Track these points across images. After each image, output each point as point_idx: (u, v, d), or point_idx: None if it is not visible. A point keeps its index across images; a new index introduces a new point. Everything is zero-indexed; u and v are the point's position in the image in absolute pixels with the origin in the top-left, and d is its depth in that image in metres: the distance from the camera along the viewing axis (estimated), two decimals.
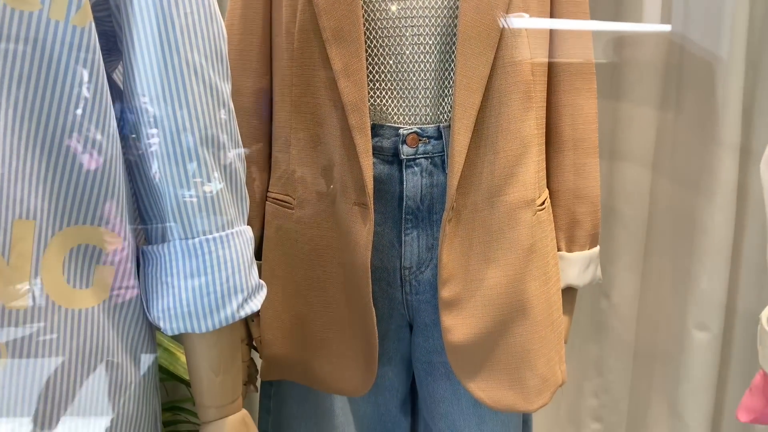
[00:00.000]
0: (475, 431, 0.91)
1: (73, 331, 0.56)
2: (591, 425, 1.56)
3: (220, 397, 0.67)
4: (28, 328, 0.54)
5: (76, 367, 0.56)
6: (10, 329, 0.53)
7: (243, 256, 0.63)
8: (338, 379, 0.88)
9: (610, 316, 1.53)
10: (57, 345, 0.55)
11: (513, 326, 0.85)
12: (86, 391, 0.58)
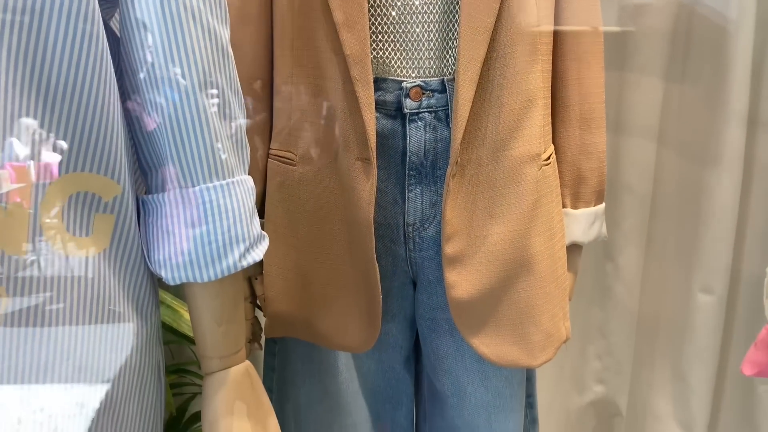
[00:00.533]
0: (478, 387, 0.91)
1: (73, 278, 0.56)
2: (594, 387, 1.56)
3: (223, 347, 0.67)
4: (28, 274, 0.54)
5: (78, 316, 0.56)
6: (10, 275, 0.53)
7: (244, 205, 0.62)
8: (342, 335, 0.88)
9: (614, 279, 1.52)
10: (58, 292, 0.55)
11: (517, 282, 0.85)
12: (88, 340, 0.57)
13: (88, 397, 0.58)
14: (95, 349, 0.58)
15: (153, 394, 0.66)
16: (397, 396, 0.97)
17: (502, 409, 0.91)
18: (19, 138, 0.52)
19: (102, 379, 0.58)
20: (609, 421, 1.58)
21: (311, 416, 0.95)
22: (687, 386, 1.51)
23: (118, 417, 0.61)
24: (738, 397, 1.58)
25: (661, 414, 1.53)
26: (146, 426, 0.65)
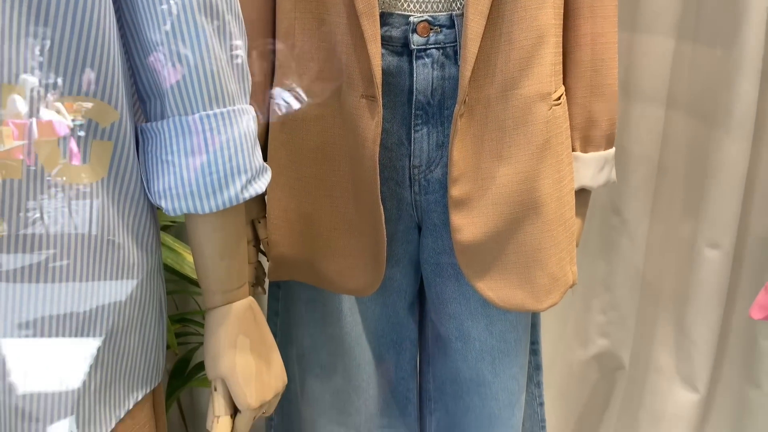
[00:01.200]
0: (483, 332, 0.90)
1: (71, 206, 0.54)
2: (597, 341, 1.56)
3: (226, 282, 0.66)
4: (24, 199, 0.52)
5: (76, 245, 0.55)
6: (5, 200, 0.51)
7: (246, 134, 0.61)
8: (346, 278, 0.87)
9: (620, 233, 1.51)
10: (55, 221, 0.54)
11: (524, 225, 0.83)
12: (87, 270, 0.56)
13: (87, 326, 0.57)
14: (95, 281, 0.57)
15: (154, 328, 0.65)
16: (400, 341, 0.96)
17: (506, 353, 0.91)
18: (11, 55, 0.50)
19: (102, 310, 0.58)
20: (611, 375, 1.59)
21: (315, 360, 0.95)
22: (690, 341, 1.51)
23: (119, 349, 0.60)
24: (741, 352, 1.58)
25: (663, 368, 1.54)
26: (148, 359, 0.65)
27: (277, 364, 0.69)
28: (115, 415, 0.60)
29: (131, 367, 0.62)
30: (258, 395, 0.66)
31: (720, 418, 1.62)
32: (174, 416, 1.63)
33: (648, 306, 1.54)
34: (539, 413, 1.01)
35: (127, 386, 0.62)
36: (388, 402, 0.97)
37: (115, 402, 0.60)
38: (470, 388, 0.93)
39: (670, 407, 1.53)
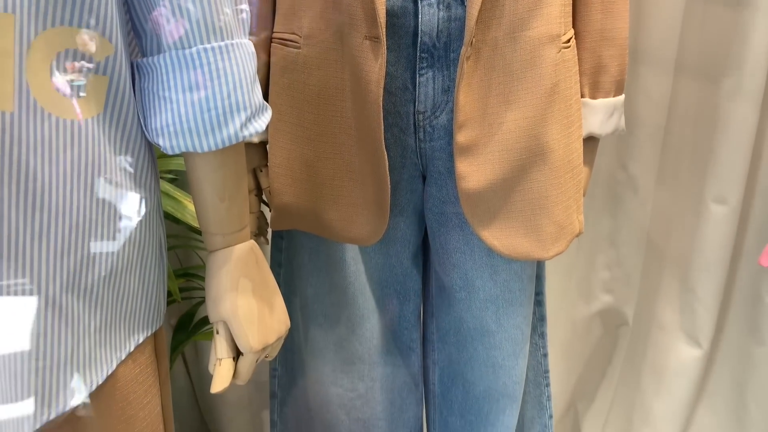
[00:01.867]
0: (487, 281, 0.89)
1: (66, 141, 0.53)
2: (601, 297, 1.56)
3: (227, 224, 0.65)
4: (17, 132, 0.51)
5: (72, 182, 0.54)
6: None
7: (244, 70, 0.59)
8: (349, 227, 0.86)
9: (626, 187, 1.49)
10: (50, 155, 0.52)
11: (531, 172, 0.82)
12: (84, 209, 0.55)
13: (86, 266, 0.56)
14: (91, 219, 0.55)
15: (154, 270, 0.64)
16: (404, 291, 0.96)
17: (510, 303, 0.90)
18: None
19: (100, 251, 0.56)
20: (615, 331, 1.59)
21: (318, 310, 0.94)
22: (694, 297, 1.51)
23: (119, 289, 0.59)
24: (745, 309, 1.58)
25: (667, 324, 1.54)
26: (148, 301, 0.64)
27: (280, 307, 0.69)
28: (116, 356, 0.60)
29: (131, 308, 0.61)
30: (260, 337, 0.65)
31: (722, 374, 1.62)
32: (179, 370, 1.64)
33: (653, 262, 1.54)
34: (543, 364, 1.01)
35: (127, 328, 0.61)
36: (391, 352, 0.97)
37: (116, 343, 0.60)
38: (474, 337, 0.92)
39: (673, 363, 1.53)
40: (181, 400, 1.66)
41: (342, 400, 0.95)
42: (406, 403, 0.99)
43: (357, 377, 0.95)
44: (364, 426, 0.96)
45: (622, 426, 1.61)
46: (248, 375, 0.67)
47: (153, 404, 0.63)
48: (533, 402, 1.01)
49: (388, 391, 0.97)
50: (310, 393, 0.99)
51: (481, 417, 0.95)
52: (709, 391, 1.64)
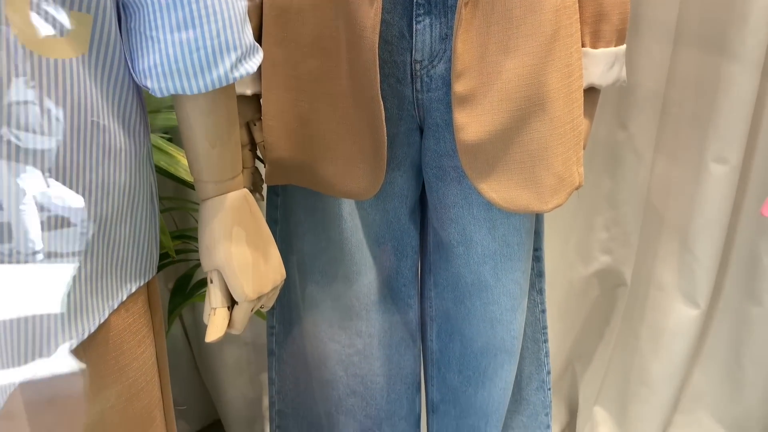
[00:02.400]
0: (485, 236, 0.88)
1: (50, 82, 0.51)
2: (600, 258, 1.55)
3: (219, 171, 0.63)
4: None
5: (56, 124, 0.52)
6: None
7: (234, 9, 0.56)
8: (345, 181, 0.84)
9: (625, 147, 1.48)
10: (33, 96, 0.50)
11: (530, 122, 0.80)
12: (70, 152, 0.53)
13: (75, 213, 0.54)
14: (78, 163, 0.54)
15: (146, 218, 0.63)
16: (402, 247, 0.95)
17: (508, 257, 0.89)
18: None
19: (90, 196, 0.55)
20: (612, 292, 1.59)
21: (316, 267, 0.93)
22: (693, 257, 1.50)
23: (110, 238, 0.58)
24: (743, 269, 1.57)
25: (665, 284, 1.53)
26: (140, 251, 0.63)
27: (275, 257, 0.67)
28: (108, 305, 0.59)
29: (123, 257, 0.60)
30: (255, 286, 0.64)
31: (719, 334, 1.63)
32: (177, 333, 1.64)
33: (652, 222, 1.53)
34: (541, 320, 1.01)
35: (119, 277, 0.60)
36: (389, 308, 0.96)
37: (108, 292, 0.59)
38: (472, 293, 0.92)
39: (671, 323, 1.53)
40: (180, 363, 1.67)
41: (340, 356, 0.95)
42: (403, 359, 0.99)
43: (354, 333, 0.94)
44: (362, 382, 0.96)
45: (619, 386, 1.62)
46: (243, 324, 0.66)
47: (147, 355, 0.63)
48: (531, 358, 1.01)
49: (385, 347, 0.97)
50: (307, 350, 0.99)
51: (478, 372, 0.95)
52: (705, 352, 1.65)
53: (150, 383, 0.63)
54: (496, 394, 0.95)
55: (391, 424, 0.99)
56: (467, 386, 0.97)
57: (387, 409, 0.99)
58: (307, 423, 1.03)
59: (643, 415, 1.59)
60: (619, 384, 1.62)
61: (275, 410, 1.05)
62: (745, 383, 1.63)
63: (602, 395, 1.66)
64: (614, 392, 1.64)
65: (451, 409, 1.00)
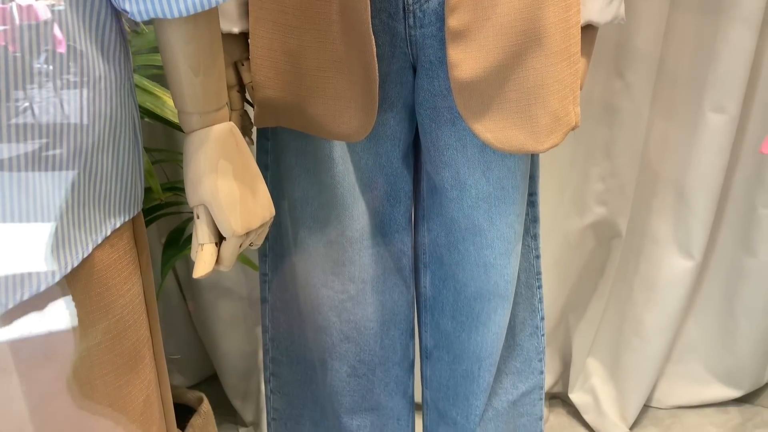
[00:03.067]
0: (479, 179, 0.87)
1: (20, 6, 0.48)
2: (595, 209, 1.54)
3: (203, 101, 0.61)
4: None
5: (30, 46, 0.50)
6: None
7: None
8: (336, 121, 0.82)
9: (622, 97, 1.45)
10: (2, 15, 0.48)
11: (526, 58, 0.78)
12: (45, 76, 0.51)
13: (54, 141, 0.52)
14: (56, 87, 0.51)
15: (128, 150, 0.61)
16: (395, 193, 0.93)
17: (503, 201, 0.88)
18: None
19: (69, 123, 0.53)
20: (607, 243, 1.58)
21: (307, 212, 0.92)
22: (688, 209, 1.49)
23: (92, 169, 0.56)
24: (738, 220, 1.57)
25: (660, 236, 1.53)
26: (123, 185, 0.61)
27: (263, 192, 0.66)
28: (92, 239, 0.57)
29: (106, 190, 0.59)
30: (243, 221, 0.63)
31: (713, 286, 1.63)
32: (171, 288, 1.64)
33: (648, 173, 1.51)
34: (535, 266, 1.00)
35: (103, 211, 0.59)
36: (382, 254, 0.95)
37: (92, 226, 0.57)
38: (465, 237, 0.91)
39: (665, 274, 1.53)
40: (175, 317, 1.67)
41: (333, 302, 0.94)
42: (397, 305, 0.98)
43: (347, 279, 0.93)
44: (356, 327, 0.96)
45: (612, 337, 1.63)
46: (231, 261, 0.65)
47: (133, 292, 0.62)
48: (525, 304, 1.01)
49: (379, 293, 0.96)
50: (300, 296, 0.98)
51: (472, 317, 0.95)
52: (699, 303, 1.65)
53: (138, 321, 0.62)
54: (489, 339, 0.94)
55: (385, 369, 0.99)
56: (461, 331, 0.97)
57: (381, 355, 0.98)
58: (301, 369, 1.03)
59: (636, 366, 1.60)
60: (612, 335, 1.63)
61: (269, 357, 1.05)
62: (737, 335, 1.64)
63: (596, 346, 1.67)
64: (607, 343, 1.65)
65: (444, 354, 1.00)
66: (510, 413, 1.02)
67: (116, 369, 0.60)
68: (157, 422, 0.65)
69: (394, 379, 1.01)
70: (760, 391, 1.72)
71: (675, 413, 1.66)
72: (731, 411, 1.66)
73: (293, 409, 1.06)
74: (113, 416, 0.60)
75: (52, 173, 0.52)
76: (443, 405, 1.02)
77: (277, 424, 1.07)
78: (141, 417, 0.63)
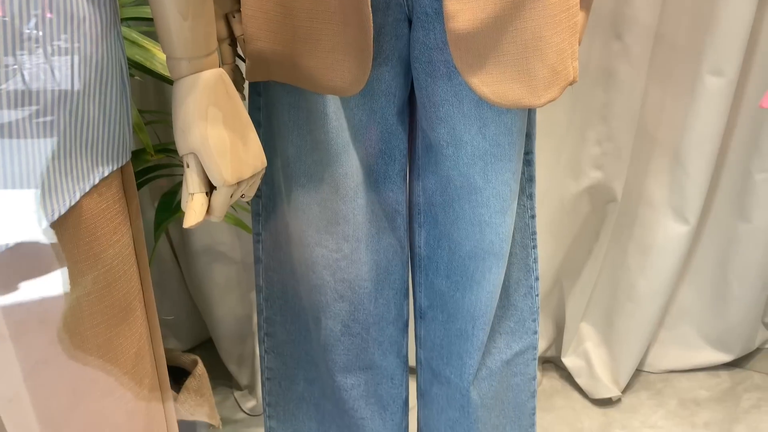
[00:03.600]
0: (475, 135, 0.85)
1: None
2: (591, 173, 1.54)
3: (192, 46, 0.59)
4: None
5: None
6: None
7: None
8: (329, 75, 0.81)
9: (620, 59, 1.43)
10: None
11: (524, 9, 0.76)
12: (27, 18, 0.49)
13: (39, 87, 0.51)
14: (39, 29, 0.50)
15: (116, 98, 0.59)
16: (389, 150, 0.92)
17: (499, 158, 0.87)
18: None
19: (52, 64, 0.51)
20: (603, 208, 1.58)
21: (301, 170, 0.90)
22: (684, 173, 1.49)
23: (78, 115, 0.55)
24: (734, 186, 1.57)
25: (655, 200, 1.53)
26: (111, 132, 0.60)
27: (255, 142, 0.65)
28: (79, 187, 0.56)
29: (93, 137, 0.57)
30: (234, 170, 0.62)
31: (707, 251, 1.63)
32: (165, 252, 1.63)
33: (645, 136, 1.50)
34: (530, 225, 0.99)
35: (90, 158, 0.57)
36: (376, 213, 0.94)
37: (79, 174, 0.56)
38: (461, 195, 0.90)
39: (659, 239, 1.53)
40: (170, 282, 1.66)
41: (327, 261, 0.94)
42: (391, 265, 0.98)
43: (342, 237, 0.93)
44: (350, 287, 0.95)
45: (606, 302, 1.63)
46: (222, 211, 0.64)
47: (123, 243, 0.61)
48: (519, 264, 1.00)
49: (373, 252, 0.95)
50: (294, 255, 0.97)
51: (466, 277, 0.94)
52: (693, 268, 1.66)
53: (128, 273, 0.61)
54: (483, 298, 0.94)
55: (379, 328, 0.99)
56: (455, 291, 0.96)
57: (375, 314, 0.98)
58: (296, 329, 1.03)
59: (629, 330, 1.61)
60: (606, 300, 1.64)
61: (263, 317, 1.04)
62: (730, 300, 1.64)
63: (589, 311, 1.67)
64: (601, 308, 1.65)
65: (438, 314, 1.00)
66: (503, 372, 1.03)
67: (107, 320, 0.59)
68: (149, 375, 0.65)
69: (388, 339, 1.01)
70: (751, 356, 1.73)
71: (666, 377, 1.68)
72: (722, 375, 1.68)
73: (287, 369, 1.06)
74: (105, 368, 0.59)
75: (37, 119, 0.51)
76: (437, 364, 1.02)
77: (271, 384, 1.07)
78: (133, 369, 0.62)
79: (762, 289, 1.65)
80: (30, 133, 0.51)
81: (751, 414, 1.55)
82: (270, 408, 1.08)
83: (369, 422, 1.02)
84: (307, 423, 1.08)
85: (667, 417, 1.54)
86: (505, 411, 1.05)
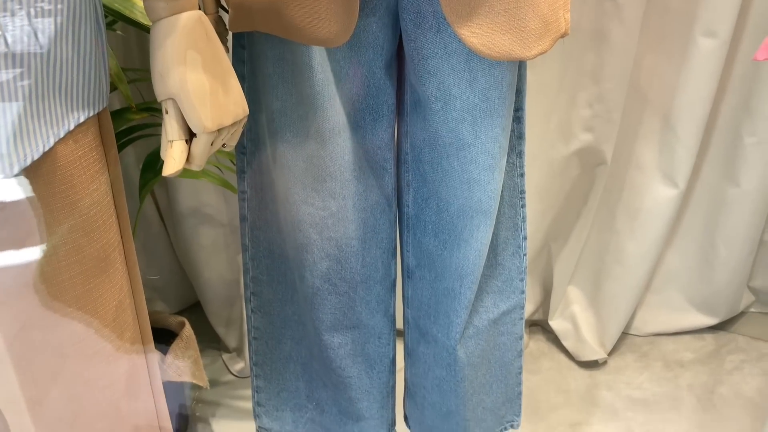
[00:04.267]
0: (465, 90, 0.84)
1: None
2: (581, 136, 1.52)
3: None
4: None
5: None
6: None
7: None
8: (315, 24, 0.78)
9: (612, 19, 1.41)
10: None
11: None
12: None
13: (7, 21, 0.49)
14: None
15: (90, 42, 0.57)
16: (377, 106, 0.90)
17: (488, 113, 0.85)
18: None
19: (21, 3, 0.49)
20: (592, 171, 1.57)
21: (286, 124, 0.89)
22: (674, 136, 1.48)
23: (50, 57, 0.53)
24: (723, 149, 1.56)
25: (645, 163, 1.52)
26: (86, 76, 0.57)
27: (236, 89, 0.63)
28: (53, 132, 0.54)
29: (67, 80, 0.55)
30: (214, 116, 0.60)
31: (695, 215, 1.64)
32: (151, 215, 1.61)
33: (635, 98, 1.49)
34: (519, 184, 0.98)
35: (65, 102, 0.55)
36: (363, 170, 0.93)
37: (53, 118, 0.54)
38: (449, 152, 0.88)
39: (648, 203, 1.53)
40: (156, 245, 1.65)
41: (313, 219, 0.92)
42: (379, 224, 0.97)
43: (328, 195, 0.91)
44: (337, 245, 0.94)
45: (594, 265, 1.64)
46: (203, 159, 0.62)
47: (101, 192, 0.59)
48: (508, 223, 1.00)
49: (360, 210, 0.94)
50: (280, 213, 0.96)
51: (454, 235, 0.93)
52: (681, 232, 1.66)
53: (106, 223, 0.60)
54: (471, 256, 0.93)
55: (367, 287, 0.99)
56: (443, 250, 0.96)
57: (362, 273, 0.97)
58: (282, 288, 1.02)
59: (616, 294, 1.61)
60: (593, 263, 1.64)
61: (249, 277, 1.03)
62: (716, 264, 1.65)
63: (577, 275, 1.68)
64: (589, 272, 1.66)
65: (426, 273, 0.99)
66: (490, 331, 1.03)
67: (85, 271, 0.58)
68: (130, 329, 0.64)
69: (375, 298, 1.00)
70: (735, 319, 1.75)
71: (652, 340, 1.69)
72: (707, 338, 1.70)
73: (274, 328, 1.05)
74: (84, 320, 0.58)
75: (5, 59, 0.49)
76: (424, 323, 1.02)
77: (258, 343, 1.07)
78: (113, 322, 0.61)
79: (749, 254, 1.66)
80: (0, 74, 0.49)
81: (733, 375, 1.57)
82: (257, 367, 1.08)
83: (356, 380, 1.02)
84: (294, 382, 1.08)
85: (651, 379, 1.56)
86: (492, 370, 1.06)
